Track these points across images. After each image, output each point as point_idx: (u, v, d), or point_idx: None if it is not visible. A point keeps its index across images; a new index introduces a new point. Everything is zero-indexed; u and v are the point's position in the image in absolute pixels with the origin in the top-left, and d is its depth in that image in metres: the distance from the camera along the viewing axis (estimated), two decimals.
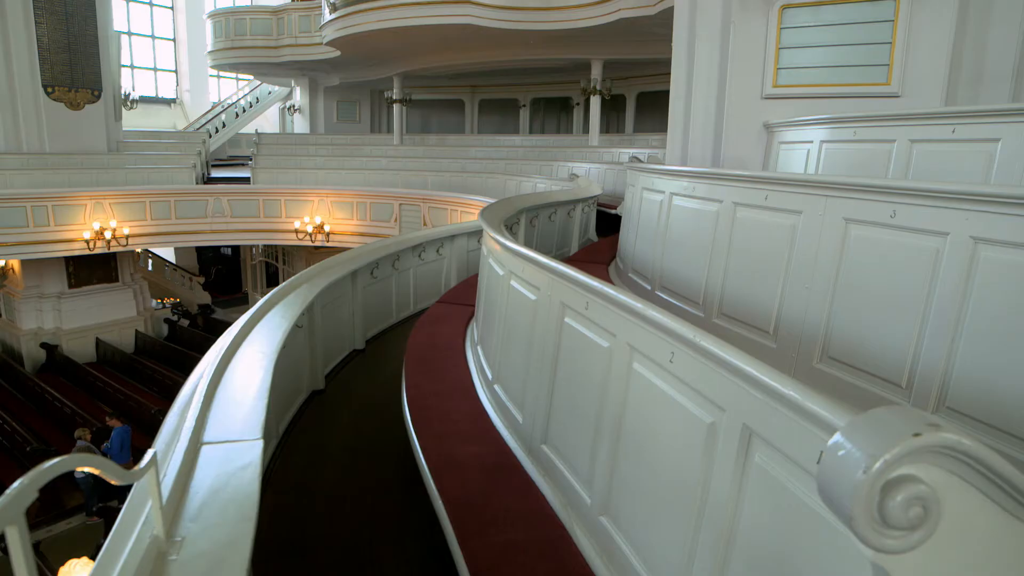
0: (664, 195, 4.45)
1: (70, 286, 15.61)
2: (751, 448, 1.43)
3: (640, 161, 12.11)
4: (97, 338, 15.92)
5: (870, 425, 0.97)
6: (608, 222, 9.43)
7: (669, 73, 6.70)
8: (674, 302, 4.18)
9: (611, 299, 2.05)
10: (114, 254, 15.35)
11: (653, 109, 18.00)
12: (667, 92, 6.81)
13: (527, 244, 3.24)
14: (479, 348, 3.81)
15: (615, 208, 9.79)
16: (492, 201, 6.76)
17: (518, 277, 2.95)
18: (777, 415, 1.31)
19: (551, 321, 2.53)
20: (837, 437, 0.98)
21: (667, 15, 6.81)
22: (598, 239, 8.69)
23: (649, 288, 4.63)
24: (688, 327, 1.63)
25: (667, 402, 1.74)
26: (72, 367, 14.64)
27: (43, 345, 15.26)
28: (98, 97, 16.35)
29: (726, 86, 6.13)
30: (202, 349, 3.68)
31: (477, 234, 6.79)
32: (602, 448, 2.07)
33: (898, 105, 5.16)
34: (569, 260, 6.58)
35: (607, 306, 2.09)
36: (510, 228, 5.28)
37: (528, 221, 6.57)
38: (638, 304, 1.87)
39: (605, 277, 5.46)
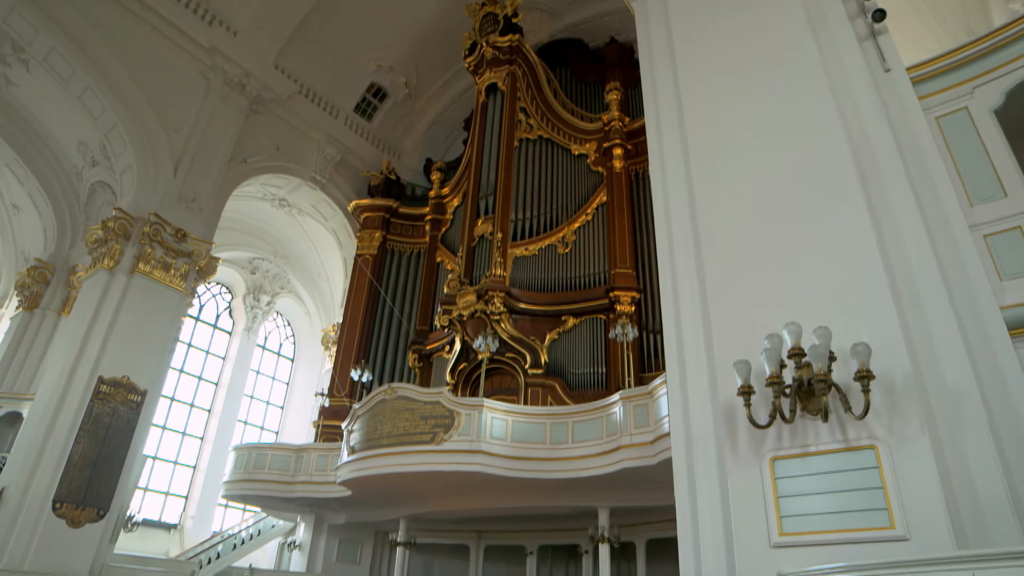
0: None
1: None
2: None
3: None
4: None
5: None
6: None
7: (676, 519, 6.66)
8: None
9: None
10: None
11: (665, 557, 17.23)
12: (676, 539, 6.65)
13: None
14: None
15: None
16: None
17: None
18: None
19: None
20: None
21: (668, 465, 7.14)
22: None
23: None
24: None
25: None
26: None
27: None
28: (101, 517, 16.01)
29: (733, 537, 6.02)
30: None
31: None
32: None
33: (909, 549, 4.95)
34: None
35: None
36: None
37: None
38: None
39: None
